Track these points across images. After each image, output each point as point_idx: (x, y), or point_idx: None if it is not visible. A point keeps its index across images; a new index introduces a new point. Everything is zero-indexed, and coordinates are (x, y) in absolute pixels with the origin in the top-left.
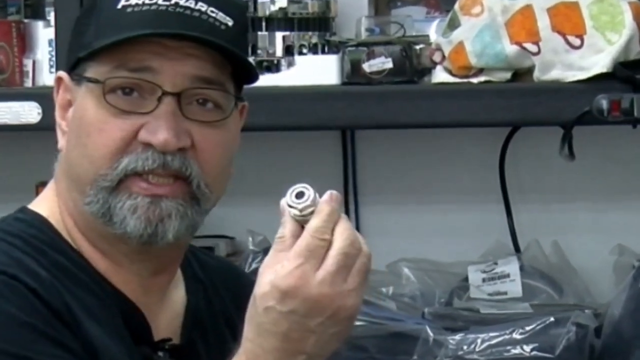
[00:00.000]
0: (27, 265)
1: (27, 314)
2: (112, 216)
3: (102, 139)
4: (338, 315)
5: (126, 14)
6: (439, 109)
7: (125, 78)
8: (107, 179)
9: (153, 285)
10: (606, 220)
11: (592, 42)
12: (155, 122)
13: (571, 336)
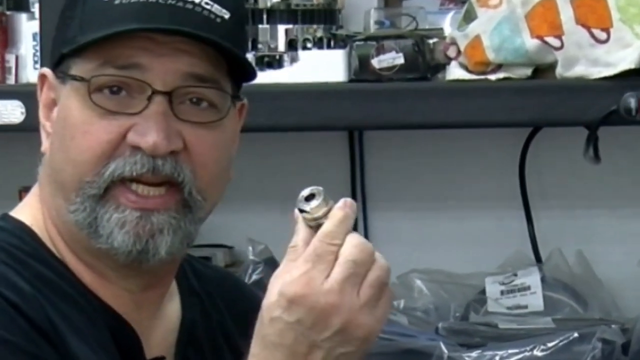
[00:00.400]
0: (9, 277)
1: (8, 331)
2: (97, 227)
3: (87, 142)
4: (348, 331)
5: (114, 6)
6: (454, 108)
7: (112, 76)
8: (94, 186)
9: (144, 300)
10: (634, 228)
11: (619, 36)
12: (144, 124)
13: (597, 353)
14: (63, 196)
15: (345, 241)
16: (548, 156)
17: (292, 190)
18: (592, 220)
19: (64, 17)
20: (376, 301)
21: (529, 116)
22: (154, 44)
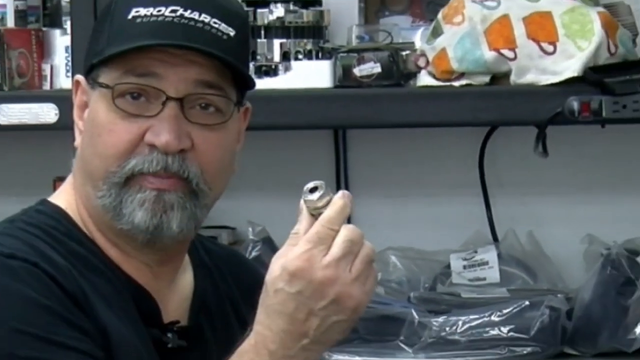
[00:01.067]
0: (47, 253)
1: (47, 298)
2: (121, 209)
3: (111, 140)
4: (341, 302)
5: (135, 24)
6: (424, 110)
7: (132, 84)
8: (117, 175)
9: (161, 273)
10: (577, 212)
11: (564, 49)
12: (159, 125)
13: (545, 319)
14: (92, 184)
15: (342, 225)
16: (503, 151)
17: (286, 180)
18: (541, 206)
19: (95, 32)
20: (365, 277)
21: (487, 117)
22: (168, 56)
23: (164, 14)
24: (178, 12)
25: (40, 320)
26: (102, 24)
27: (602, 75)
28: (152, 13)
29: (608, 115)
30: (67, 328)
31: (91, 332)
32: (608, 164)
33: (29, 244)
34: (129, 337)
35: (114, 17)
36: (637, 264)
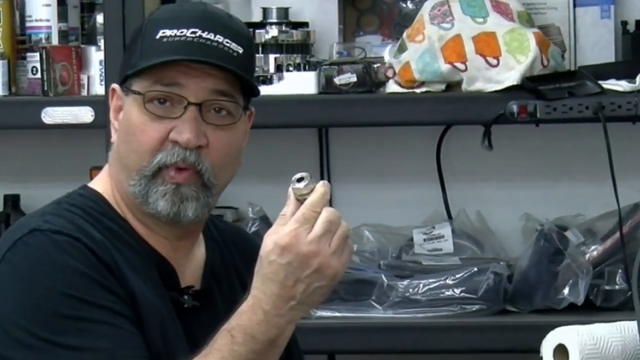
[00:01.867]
0: (86, 229)
1: (87, 267)
2: (147, 197)
3: (144, 138)
4: (322, 271)
5: (162, 43)
6: (391, 113)
7: (160, 91)
8: (147, 169)
9: (180, 246)
10: (516, 195)
11: (506, 62)
12: (182, 125)
13: (490, 282)
14: (126, 174)
15: (323, 209)
16: (456, 146)
17: (279, 169)
18: (487, 190)
19: (128, 49)
20: (342, 250)
21: (442, 118)
22: (189, 69)
23: (186, 34)
24: (197, 34)
25: (81, 285)
26: (135, 43)
27: (536, 83)
28: (176, 34)
29: (541, 116)
30: (103, 292)
31: (122, 295)
32: (541, 156)
33: (72, 222)
34: (152, 299)
35: (144, 36)
36: (565, 237)
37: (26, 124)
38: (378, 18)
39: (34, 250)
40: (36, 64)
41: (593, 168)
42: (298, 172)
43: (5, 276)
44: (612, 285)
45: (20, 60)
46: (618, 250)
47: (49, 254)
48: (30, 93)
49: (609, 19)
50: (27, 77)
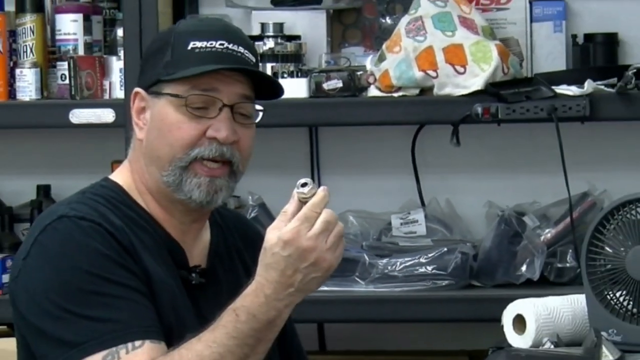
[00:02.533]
0: (107, 216)
1: (107, 249)
2: (181, 186)
3: (181, 134)
4: (319, 264)
5: (195, 53)
6: (373, 113)
7: (201, 94)
8: (182, 160)
9: (190, 230)
10: (480, 185)
11: (471, 70)
12: (218, 124)
13: (457, 260)
14: (157, 165)
15: (323, 210)
16: (428, 142)
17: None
18: (455, 181)
19: (153, 58)
20: (336, 247)
21: (417, 118)
22: (222, 76)
23: (215, 46)
24: (224, 45)
25: (102, 265)
26: (162, 52)
27: (498, 88)
28: (207, 45)
29: (502, 117)
30: (121, 270)
31: (138, 274)
32: (502, 152)
33: (95, 209)
34: (164, 277)
35: (174, 48)
36: (522, 221)
37: (56, 124)
38: (361, 32)
39: (61, 234)
40: (65, 71)
41: (547, 162)
42: (302, 178)
43: (37, 257)
44: (563, 263)
45: (50, 68)
46: (569, 233)
47: (75, 237)
48: (60, 97)
49: (561, 33)
50: (57, 83)
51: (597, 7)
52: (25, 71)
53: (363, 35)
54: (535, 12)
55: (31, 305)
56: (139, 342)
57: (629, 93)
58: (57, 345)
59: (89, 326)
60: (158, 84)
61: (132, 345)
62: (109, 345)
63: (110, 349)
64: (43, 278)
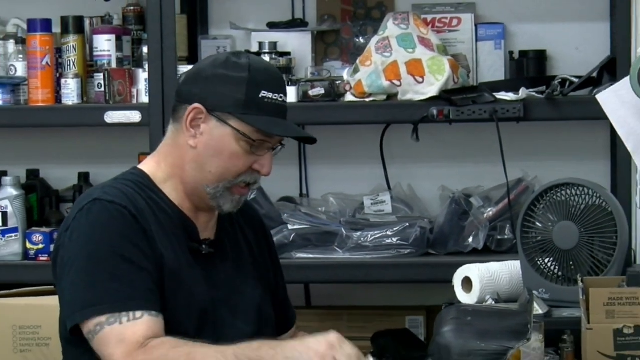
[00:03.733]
0: (134, 198)
1: (129, 231)
2: (219, 199)
3: (237, 164)
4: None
5: (265, 103)
6: (348, 115)
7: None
8: (230, 183)
9: (203, 212)
10: (436, 173)
11: (428, 80)
12: (264, 161)
13: (417, 233)
14: (205, 177)
15: None
16: (394, 138)
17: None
18: (415, 169)
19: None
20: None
21: (384, 119)
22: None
23: (278, 100)
24: (282, 99)
25: (121, 245)
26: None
27: (449, 95)
28: (272, 97)
29: (453, 117)
30: (136, 251)
31: (150, 256)
32: (453, 146)
33: (124, 193)
34: (176, 251)
35: (248, 90)
36: (469, 202)
37: (94, 123)
38: (339, 49)
39: (93, 215)
40: (101, 81)
41: (489, 154)
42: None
43: (73, 232)
44: (502, 235)
45: (89, 78)
46: (506, 211)
47: (102, 219)
48: (96, 101)
49: (500, 50)
50: (94, 90)
51: (529, 29)
52: (69, 81)
53: (341, 52)
54: (480, 33)
55: (62, 270)
56: (140, 313)
57: (555, 98)
58: (74, 304)
59: (101, 293)
60: (225, 114)
61: (133, 314)
62: (113, 310)
63: (113, 313)
64: (74, 250)
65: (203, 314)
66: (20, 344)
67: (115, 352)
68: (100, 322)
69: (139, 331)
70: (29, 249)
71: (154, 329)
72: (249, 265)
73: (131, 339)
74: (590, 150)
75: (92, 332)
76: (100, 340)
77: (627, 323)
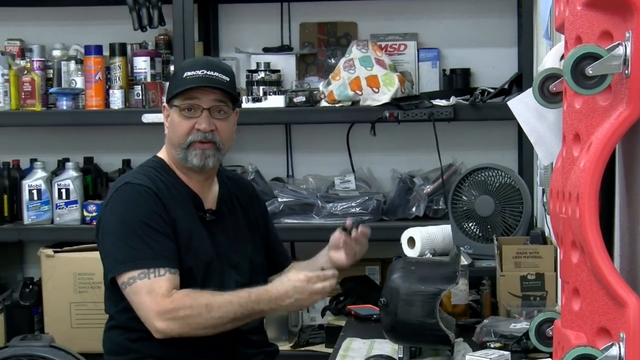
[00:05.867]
0: (156, 180)
1: (152, 205)
2: (187, 158)
3: (181, 130)
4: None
5: (187, 79)
6: (323, 116)
7: (187, 103)
8: (185, 144)
9: (205, 186)
10: (388, 159)
11: (382, 90)
12: (200, 120)
13: (374, 204)
14: (174, 148)
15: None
16: (358, 134)
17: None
18: (373, 157)
19: (170, 84)
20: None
21: (350, 119)
22: (202, 91)
23: (197, 73)
24: (204, 72)
25: (147, 216)
26: (173, 79)
27: (398, 101)
28: (193, 73)
29: (401, 118)
30: (159, 221)
31: (169, 223)
32: (401, 140)
33: (148, 176)
34: (188, 219)
35: (177, 76)
36: (413, 181)
37: (134, 122)
38: (316, 68)
39: (125, 195)
40: (139, 91)
41: (427, 145)
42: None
43: (111, 207)
44: (437, 206)
45: (130, 89)
46: (440, 188)
47: (132, 198)
48: (136, 106)
49: (436, 68)
50: (134, 98)
51: (458, 52)
52: (115, 91)
53: (317, 70)
54: (421, 55)
55: (102, 236)
56: (163, 270)
57: (477, 104)
58: (112, 262)
59: (134, 253)
60: (171, 100)
61: (158, 271)
62: (143, 267)
63: (143, 269)
64: (112, 220)
65: (208, 266)
66: (79, 286)
67: (146, 301)
68: (133, 276)
69: (164, 285)
70: (85, 216)
71: (174, 283)
72: (243, 228)
73: (158, 291)
74: (503, 142)
75: (125, 283)
76: (133, 290)
77: (530, 271)
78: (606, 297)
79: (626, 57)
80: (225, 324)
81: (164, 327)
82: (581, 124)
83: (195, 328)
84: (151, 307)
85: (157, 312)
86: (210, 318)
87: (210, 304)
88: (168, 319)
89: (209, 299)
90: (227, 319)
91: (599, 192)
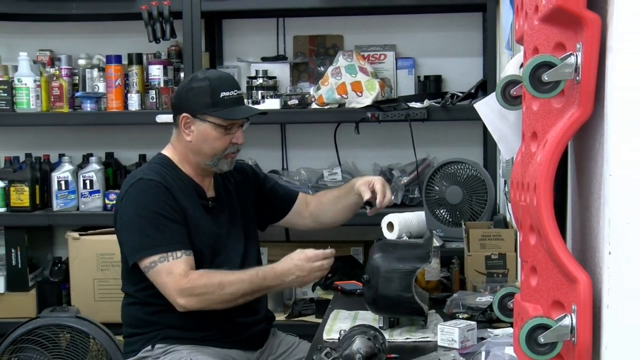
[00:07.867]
0: (164, 175)
1: (163, 197)
2: (217, 166)
3: (219, 144)
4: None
5: (226, 100)
6: (314, 117)
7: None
8: (222, 154)
9: (206, 178)
10: (369, 154)
11: (365, 94)
12: (238, 136)
13: None
14: (204, 158)
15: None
16: (344, 133)
17: (265, 143)
18: (357, 152)
19: (197, 97)
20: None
21: (337, 119)
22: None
23: (233, 95)
24: (236, 92)
25: (161, 207)
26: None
27: (379, 104)
28: (229, 94)
29: (382, 119)
30: (171, 210)
31: (179, 212)
32: (382, 138)
33: (157, 172)
34: (193, 207)
35: (213, 94)
36: (392, 173)
37: (149, 122)
38: (308, 75)
39: (139, 189)
40: (154, 95)
41: (404, 142)
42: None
43: (126, 200)
44: (413, 195)
45: (146, 93)
46: (416, 179)
47: (146, 191)
48: (151, 108)
49: (412, 75)
50: (149, 101)
51: (431, 61)
52: (132, 95)
53: (309, 76)
54: (399, 64)
55: (121, 226)
56: (180, 253)
57: (447, 107)
58: (132, 248)
59: (152, 240)
60: (203, 115)
61: (175, 254)
62: (162, 251)
63: (162, 254)
64: (128, 213)
65: (212, 246)
66: (101, 264)
67: (167, 281)
68: (154, 260)
69: (181, 266)
70: (107, 203)
71: (190, 263)
72: (237, 212)
73: (176, 272)
74: (470, 139)
75: (147, 267)
76: (155, 272)
77: (494, 252)
78: (560, 274)
79: (577, 65)
80: (237, 299)
81: (184, 302)
82: (538, 124)
83: (211, 303)
84: (172, 286)
85: (177, 290)
86: (223, 294)
87: (222, 283)
88: (187, 296)
89: (222, 278)
90: (239, 294)
91: (554, 183)
